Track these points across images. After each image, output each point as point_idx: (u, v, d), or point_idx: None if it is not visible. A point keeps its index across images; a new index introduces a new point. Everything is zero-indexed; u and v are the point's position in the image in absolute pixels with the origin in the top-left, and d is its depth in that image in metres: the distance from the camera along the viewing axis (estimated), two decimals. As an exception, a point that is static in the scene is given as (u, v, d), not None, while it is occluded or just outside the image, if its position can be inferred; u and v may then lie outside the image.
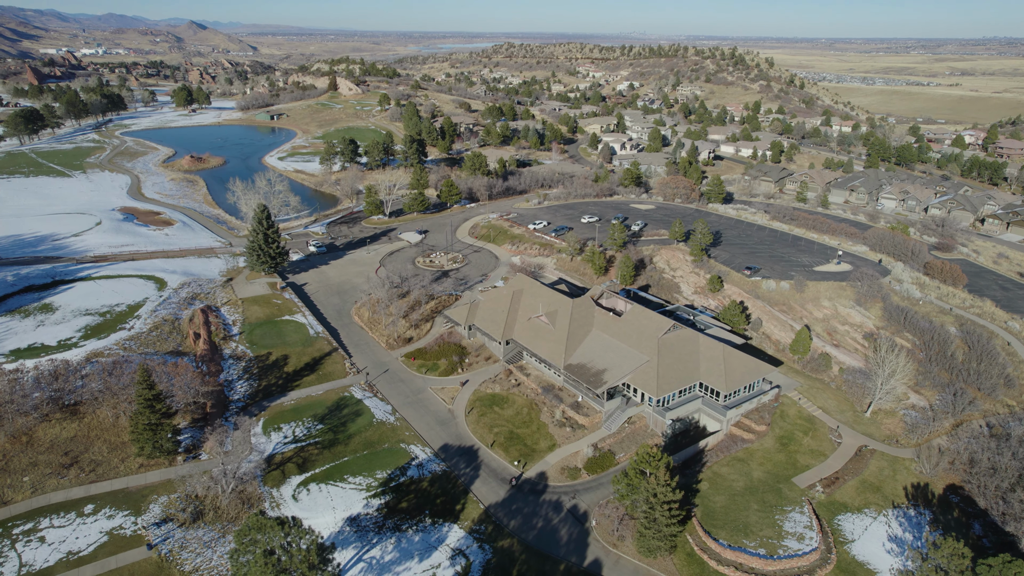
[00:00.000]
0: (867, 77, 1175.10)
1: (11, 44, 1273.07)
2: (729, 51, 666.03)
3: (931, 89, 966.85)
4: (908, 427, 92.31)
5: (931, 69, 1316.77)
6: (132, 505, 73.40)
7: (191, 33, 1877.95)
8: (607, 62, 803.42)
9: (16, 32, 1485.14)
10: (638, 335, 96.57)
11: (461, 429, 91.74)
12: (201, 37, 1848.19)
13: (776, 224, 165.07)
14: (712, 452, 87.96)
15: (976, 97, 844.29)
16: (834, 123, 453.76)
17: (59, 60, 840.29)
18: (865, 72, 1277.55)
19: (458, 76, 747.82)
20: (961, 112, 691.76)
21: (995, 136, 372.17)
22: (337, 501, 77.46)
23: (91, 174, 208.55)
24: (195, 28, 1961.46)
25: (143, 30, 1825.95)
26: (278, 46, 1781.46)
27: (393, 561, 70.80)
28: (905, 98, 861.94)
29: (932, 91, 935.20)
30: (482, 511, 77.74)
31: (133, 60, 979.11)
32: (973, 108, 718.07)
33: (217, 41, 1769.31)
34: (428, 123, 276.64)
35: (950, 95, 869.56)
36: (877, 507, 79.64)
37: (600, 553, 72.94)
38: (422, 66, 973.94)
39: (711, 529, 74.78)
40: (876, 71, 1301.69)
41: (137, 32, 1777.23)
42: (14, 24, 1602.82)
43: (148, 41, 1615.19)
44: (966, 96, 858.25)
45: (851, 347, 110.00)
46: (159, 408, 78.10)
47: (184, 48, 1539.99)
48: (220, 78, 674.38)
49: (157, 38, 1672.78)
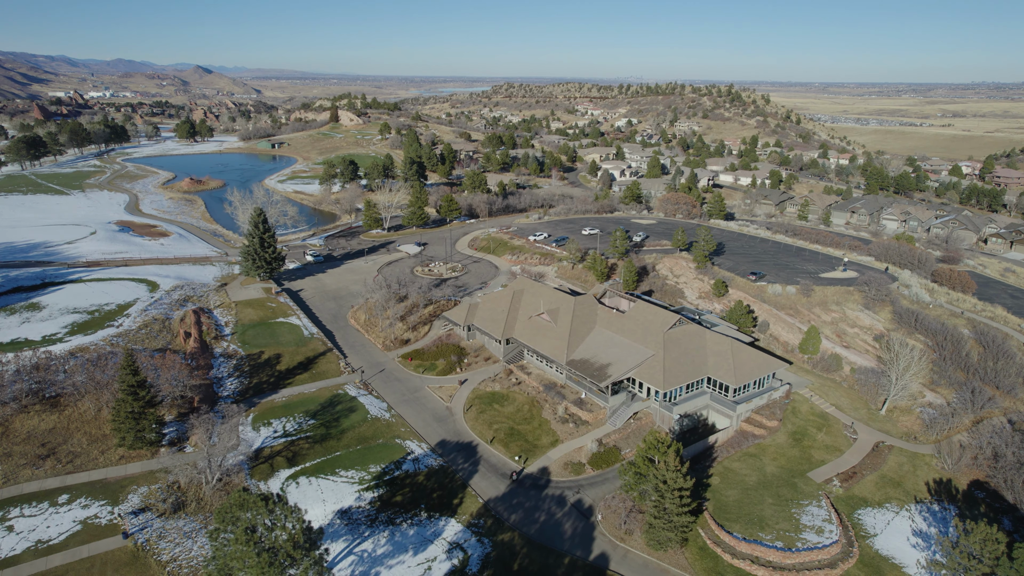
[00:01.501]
0: (861, 118, 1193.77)
1: (21, 87, 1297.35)
2: (725, 89, 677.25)
3: (924, 129, 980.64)
4: (926, 424, 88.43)
5: (923, 111, 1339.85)
6: (109, 495, 69.23)
7: (197, 77, 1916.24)
8: (605, 100, 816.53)
9: (26, 76, 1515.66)
10: (643, 330, 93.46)
11: (459, 426, 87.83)
12: (207, 81, 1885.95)
13: (779, 237, 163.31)
14: (722, 448, 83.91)
15: (969, 136, 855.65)
16: (831, 156, 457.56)
17: (66, 100, 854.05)
18: (859, 114, 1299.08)
19: (458, 115, 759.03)
20: (955, 150, 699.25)
21: (991, 166, 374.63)
22: (328, 494, 73.25)
23: (89, 193, 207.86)
24: (201, 72, 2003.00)
25: (150, 74, 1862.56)
26: (282, 89, 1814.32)
27: (386, 554, 66.32)
28: (899, 137, 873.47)
29: (925, 131, 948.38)
30: (481, 505, 73.43)
31: (139, 101, 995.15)
32: (967, 146, 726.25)
33: (222, 85, 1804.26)
34: (428, 149, 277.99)
35: (943, 134, 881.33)
36: (899, 502, 75.33)
37: (607, 547, 68.45)
38: (423, 107, 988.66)
39: (724, 523, 70.44)
40: (869, 113, 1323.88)
41: (144, 76, 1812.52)
42: (25, 69, 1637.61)
43: (155, 84, 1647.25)
44: (959, 135, 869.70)
45: (862, 348, 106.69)
46: (143, 395, 74.54)
47: (190, 91, 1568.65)
48: (223, 116, 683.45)
49: (164, 81, 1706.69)
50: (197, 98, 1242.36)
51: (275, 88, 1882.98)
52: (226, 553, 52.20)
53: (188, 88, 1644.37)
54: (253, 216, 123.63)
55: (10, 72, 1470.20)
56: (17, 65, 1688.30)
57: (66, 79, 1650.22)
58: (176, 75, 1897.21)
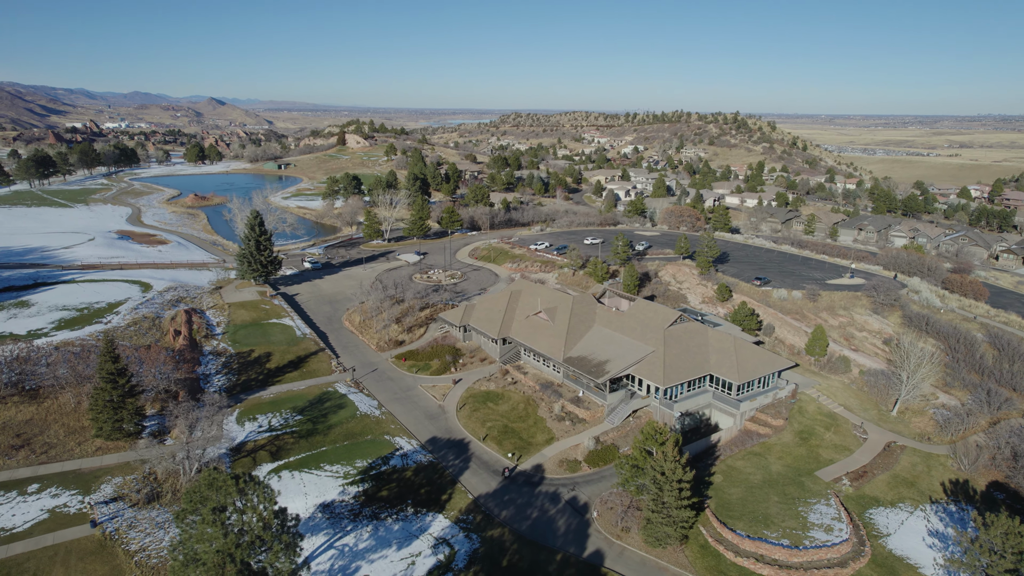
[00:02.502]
0: (868, 148, 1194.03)
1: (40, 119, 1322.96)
2: (731, 116, 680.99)
3: (931, 159, 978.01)
4: (940, 425, 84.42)
5: (930, 142, 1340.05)
6: (82, 485, 66.28)
7: (210, 109, 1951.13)
8: (612, 129, 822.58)
9: (45, 108, 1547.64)
10: (643, 327, 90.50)
11: (451, 423, 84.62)
12: (220, 112, 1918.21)
13: (785, 247, 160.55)
14: (725, 447, 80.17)
15: (977, 165, 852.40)
16: (838, 180, 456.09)
17: (81, 129, 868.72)
18: (865, 144, 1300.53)
19: (465, 143, 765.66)
20: (962, 179, 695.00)
21: (1000, 189, 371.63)
22: (310, 488, 70.01)
23: (92, 207, 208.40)
24: (214, 104, 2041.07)
25: (165, 106, 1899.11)
26: (293, 120, 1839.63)
27: (368, 549, 62.78)
28: (906, 166, 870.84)
29: (932, 160, 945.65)
30: (471, 501, 69.92)
31: (152, 130, 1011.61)
32: (974, 175, 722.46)
33: (235, 116, 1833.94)
34: (433, 168, 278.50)
35: (951, 163, 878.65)
36: (913, 502, 71.20)
37: (602, 544, 64.62)
38: (431, 136, 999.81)
39: (727, 520, 66.53)
40: (876, 143, 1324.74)
41: (159, 108, 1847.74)
42: (44, 101, 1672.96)
43: (169, 116, 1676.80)
44: (967, 164, 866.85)
45: (871, 351, 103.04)
46: (122, 383, 72.07)
47: (203, 122, 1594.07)
48: (234, 144, 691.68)
49: (178, 113, 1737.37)
50: (210, 128, 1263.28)
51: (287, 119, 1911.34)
52: (192, 535, 49.11)
53: (202, 119, 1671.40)
54: (249, 219, 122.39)
55: (30, 104, 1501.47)
56: (37, 97, 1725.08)
57: (84, 110, 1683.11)
58: (190, 107, 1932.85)
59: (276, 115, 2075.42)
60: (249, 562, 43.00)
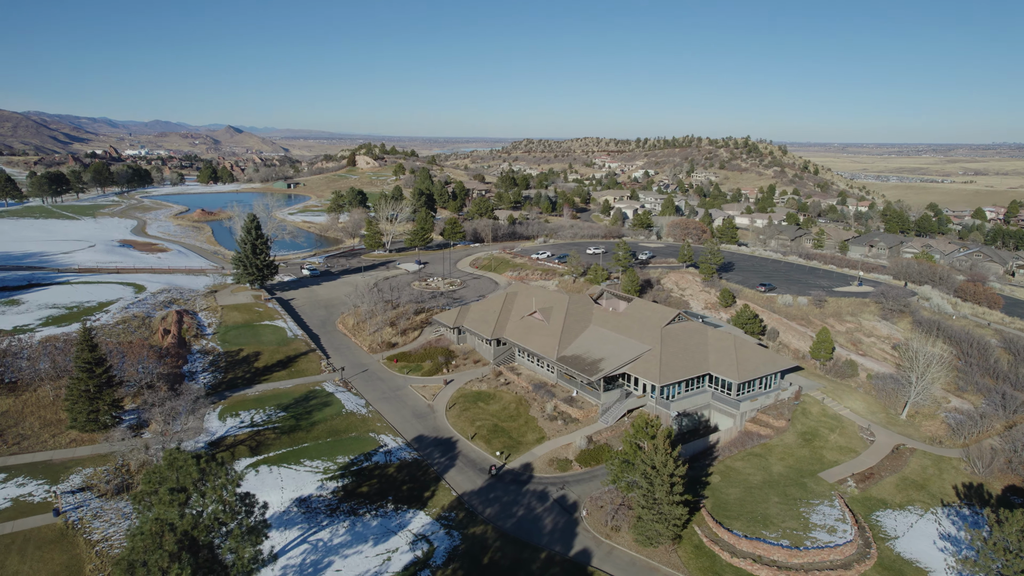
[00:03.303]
0: (881, 175, 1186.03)
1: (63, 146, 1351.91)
2: (742, 140, 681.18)
3: (945, 185, 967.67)
4: (952, 428, 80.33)
5: (944, 169, 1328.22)
6: (50, 475, 63.99)
7: (228, 136, 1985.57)
8: (623, 154, 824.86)
9: (68, 136, 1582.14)
10: (640, 326, 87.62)
11: (440, 422, 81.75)
12: (237, 140, 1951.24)
13: (792, 258, 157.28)
14: (724, 448, 76.60)
15: (992, 191, 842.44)
16: (850, 203, 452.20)
17: (101, 154, 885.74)
18: (879, 171, 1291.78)
19: (476, 168, 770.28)
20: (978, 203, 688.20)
21: (1016, 210, 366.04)
22: (287, 482, 67.26)
23: (99, 219, 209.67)
24: (232, 132, 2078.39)
25: (184, 134, 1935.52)
26: (308, 148, 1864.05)
27: (343, 544, 59.75)
28: (920, 192, 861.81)
29: (947, 186, 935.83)
30: (454, 498, 66.80)
31: (170, 155, 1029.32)
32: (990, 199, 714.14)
33: (251, 143, 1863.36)
34: (440, 186, 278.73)
35: (965, 189, 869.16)
36: (923, 504, 67.13)
37: (590, 543, 61.11)
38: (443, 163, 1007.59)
39: (723, 520, 62.87)
40: (890, 170, 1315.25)
41: (178, 136, 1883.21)
42: (68, 129, 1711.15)
43: (188, 143, 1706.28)
44: (982, 190, 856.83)
45: (879, 356, 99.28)
46: (99, 373, 70.18)
47: (220, 149, 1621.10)
48: (249, 169, 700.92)
49: (196, 140, 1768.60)
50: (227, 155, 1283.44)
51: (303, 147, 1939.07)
52: (148, 518, 46.53)
53: (219, 146, 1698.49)
54: (246, 223, 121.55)
55: (54, 132, 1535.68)
56: (61, 126, 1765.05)
57: (105, 138, 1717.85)
58: (209, 135, 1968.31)
59: (292, 143, 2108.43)
60: (200, 540, 40.16)
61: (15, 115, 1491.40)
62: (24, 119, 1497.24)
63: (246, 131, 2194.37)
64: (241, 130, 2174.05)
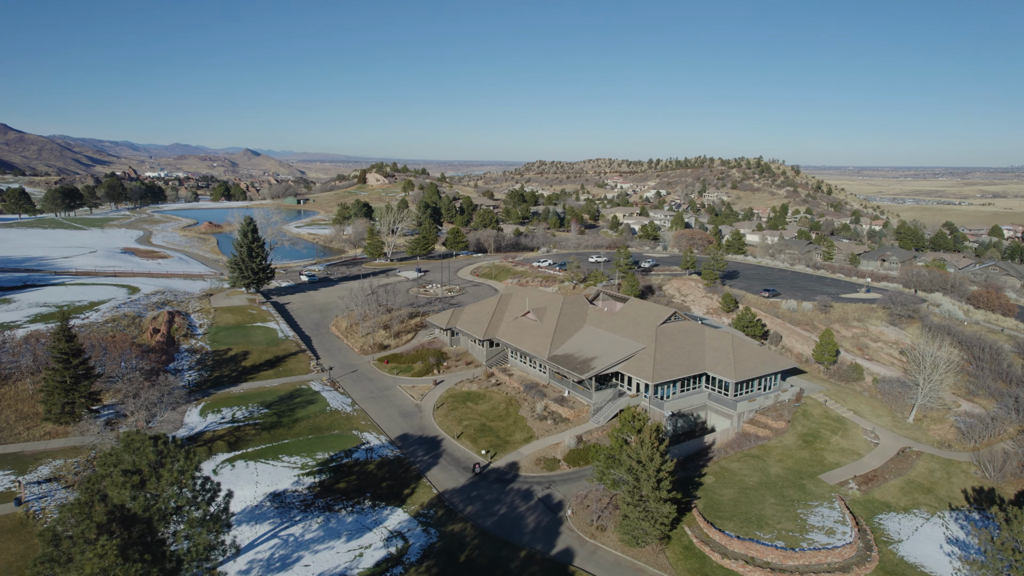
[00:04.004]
0: (897, 197, 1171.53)
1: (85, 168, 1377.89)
2: (754, 160, 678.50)
3: (963, 207, 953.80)
4: (962, 432, 76.54)
5: (961, 192, 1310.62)
6: (19, 466, 62.32)
7: (246, 159, 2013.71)
8: (635, 175, 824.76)
9: (91, 158, 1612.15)
10: (634, 325, 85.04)
11: (426, 421, 79.33)
12: (255, 163, 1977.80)
13: (799, 267, 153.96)
14: (720, 449, 73.33)
15: (1011, 213, 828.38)
16: (863, 222, 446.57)
17: (120, 175, 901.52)
18: (895, 194, 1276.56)
19: (488, 187, 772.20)
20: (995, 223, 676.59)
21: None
22: (263, 477, 65.08)
23: (107, 230, 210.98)
24: (250, 155, 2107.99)
25: (203, 156, 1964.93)
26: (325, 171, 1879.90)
27: (315, 540, 57.24)
28: (937, 214, 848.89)
29: (964, 208, 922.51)
30: (434, 496, 64.18)
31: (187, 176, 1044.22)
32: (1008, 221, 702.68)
33: (268, 166, 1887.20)
34: (448, 201, 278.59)
35: (983, 211, 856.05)
36: (929, 508, 63.44)
37: (573, 543, 58.09)
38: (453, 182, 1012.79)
39: (715, 520, 59.66)
40: (906, 193, 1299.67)
41: (197, 158, 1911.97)
42: (91, 152, 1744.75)
43: (206, 166, 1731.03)
44: (1000, 212, 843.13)
45: (886, 361, 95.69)
46: (75, 364, 68.71)
47: (238, 171, 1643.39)
48: (264, 189, 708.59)
49: (215, 163, 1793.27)
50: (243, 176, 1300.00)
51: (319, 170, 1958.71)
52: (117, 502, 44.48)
53: (237, 169, 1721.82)
54: (242, 226, 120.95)
55: (77, 155, 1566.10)
56: (84, 149, 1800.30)
57: (127, 160, 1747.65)
58: (227, 157, 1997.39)
59: (309, 165, 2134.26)
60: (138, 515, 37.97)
61: (41, 138, 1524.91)
62: (49, 142, 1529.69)
63: (264, 154, 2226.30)
64: (259, 153, 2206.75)
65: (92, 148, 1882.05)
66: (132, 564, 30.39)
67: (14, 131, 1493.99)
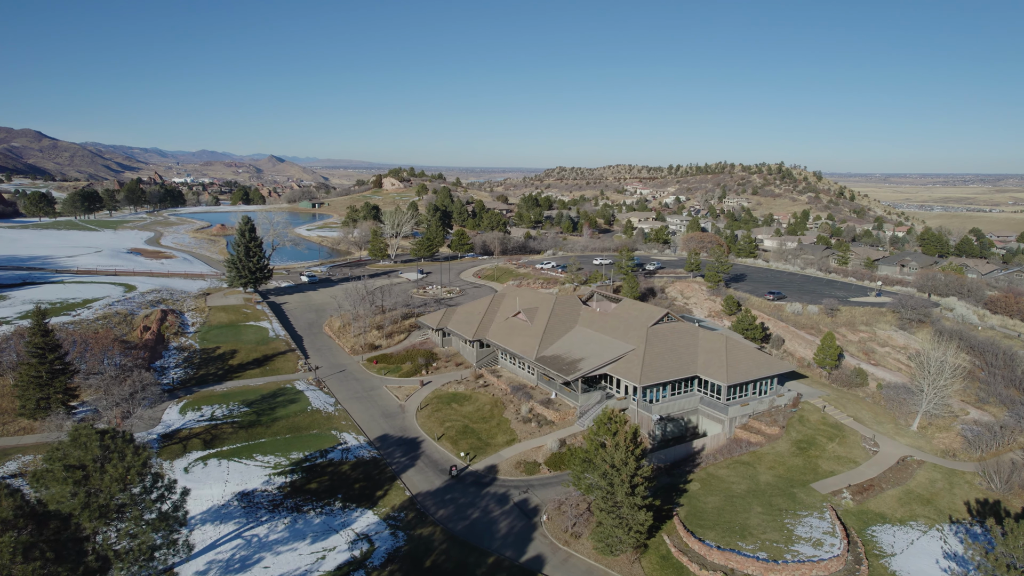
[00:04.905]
0: (925, 204, 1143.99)
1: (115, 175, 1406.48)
2: (776, 166, 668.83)
3: (993, 214, 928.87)
4: (968, 441, 72.53)
5: (992, 199, 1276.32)
6: (-12, 461, 61.66)
7: (271, 165, 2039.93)
8: (655, 180, 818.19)
9: (120, 164, 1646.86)
10: (625, 326, 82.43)
11: (408, 422, 77.47)
12: (279, 169, 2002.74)
13: (810, 271, 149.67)
14: (710, 455, 70.35)
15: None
16: (886, 228, 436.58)
17: (146, 180, 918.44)
18: (922, 201, 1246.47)
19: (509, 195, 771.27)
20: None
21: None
22: (233, 476, 63.67)
23: (120, 231, 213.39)
24: (274, 161, 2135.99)
25: (228, 163, 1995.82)
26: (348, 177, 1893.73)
27: (279, 540, 55.56)
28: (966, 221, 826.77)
29: (995, 216, 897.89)
30: (407, 498, 62.23)
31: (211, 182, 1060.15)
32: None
33: (292, 172, 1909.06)
34: (460, 205, 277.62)
35: (1015, 218, 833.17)
36: (927, 520, 59.83)
37: (545, 550, 55.67)
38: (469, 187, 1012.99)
39: (696, 529, 56.78)
40: (934, 200, 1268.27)
41: (223, 164, 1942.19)
42: (120, 158, 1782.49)
43: (231, 172, 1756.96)
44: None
45: (893, 366, 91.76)
46: (51, 359, 68.07)
47: (263, 177, 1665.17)
48: (285, 195, 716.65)
49: (240, 169, 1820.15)
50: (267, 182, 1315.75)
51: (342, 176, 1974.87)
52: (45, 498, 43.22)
53: (261, 175, 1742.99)
54: (240, 225, 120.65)
55: (107, 161, 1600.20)
56: (115, 156, 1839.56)
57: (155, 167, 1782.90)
58: (252, 163, 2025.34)
59: (332, 172, 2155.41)
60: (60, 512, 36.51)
61: (73, 145, 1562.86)
62: (81, 149, 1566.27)
63: (288, 160, 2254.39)
64: (283, 159, 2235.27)
65: (122, 155, 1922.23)
66: (31, 563, 28.81)
67: (48, 138, 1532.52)
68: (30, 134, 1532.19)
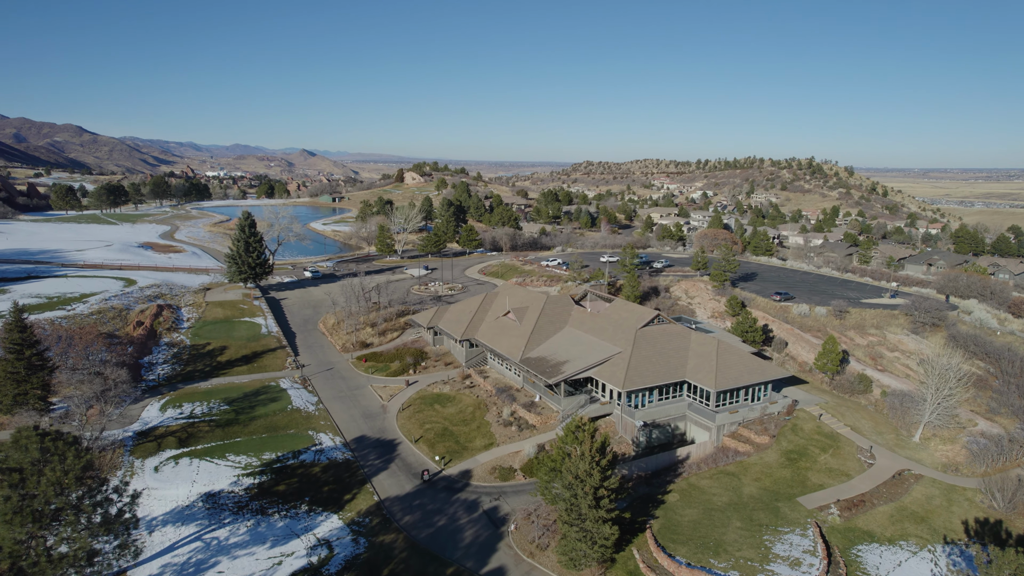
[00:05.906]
0: (965, 200, 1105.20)
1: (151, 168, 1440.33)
2: (806, 161, 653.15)
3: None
4: (973, 455, 68.36)
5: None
6: (-39, 456, 61.68)
7: (302, 159, 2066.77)
8: (682, 175, 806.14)
9: (157, 159, 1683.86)
10: (614, 328, 79.74)
11: (388, 424, 76.03)
12: (310, 163, 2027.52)
13: (825, 270, 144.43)
14: (693, 464, 67.42)
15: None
16: (919, 225, 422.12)
17: (178, 174, 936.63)
18: (963, 197, 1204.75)
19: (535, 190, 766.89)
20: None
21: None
22: (202, 476, 62.95)
23: (137, 225, 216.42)
24: (306, 155, 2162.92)
25: (261, 156, 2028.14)
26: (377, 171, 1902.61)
27: (238, 544, 54.56)
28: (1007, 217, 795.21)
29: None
30: (375, 503, 60.73)
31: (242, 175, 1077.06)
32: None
33: (323, 166, 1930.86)
34: (477, 200, 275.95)
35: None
36: (919, 540, 56.21)
37: (508, 561, 53.67)
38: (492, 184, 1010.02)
39: (667, 544, 54.15)
40: (975, 196, 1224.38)
41: (255, 158, 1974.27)
42: (157, 152, 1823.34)
43: (263, 166, 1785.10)
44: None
45: (901, 372, 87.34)
46: (28, 355, 68.14)
47: (294, 171, 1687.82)
48: (309, 190, 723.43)
49: (272, 163, 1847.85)
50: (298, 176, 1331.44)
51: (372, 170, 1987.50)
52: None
53: (293, 169, 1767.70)
54: (240, 220, 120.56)
55: (144, 155, 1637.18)
56: (151, 150, 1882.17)
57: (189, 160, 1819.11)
58: (284, 157, 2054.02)
59: (363, 165, 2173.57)
60: None
61: (112, 140, 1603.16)
62: (120, 143, 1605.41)
63: (319, 154, 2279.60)
64: (315, 153, 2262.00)
65: (158, 149, 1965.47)
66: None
67: (89, 133, 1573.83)
68: (72, 129, 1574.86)
